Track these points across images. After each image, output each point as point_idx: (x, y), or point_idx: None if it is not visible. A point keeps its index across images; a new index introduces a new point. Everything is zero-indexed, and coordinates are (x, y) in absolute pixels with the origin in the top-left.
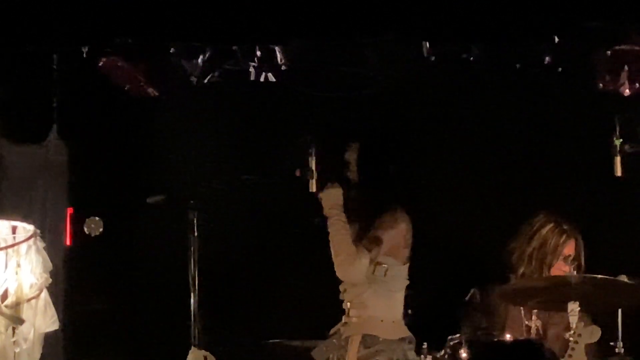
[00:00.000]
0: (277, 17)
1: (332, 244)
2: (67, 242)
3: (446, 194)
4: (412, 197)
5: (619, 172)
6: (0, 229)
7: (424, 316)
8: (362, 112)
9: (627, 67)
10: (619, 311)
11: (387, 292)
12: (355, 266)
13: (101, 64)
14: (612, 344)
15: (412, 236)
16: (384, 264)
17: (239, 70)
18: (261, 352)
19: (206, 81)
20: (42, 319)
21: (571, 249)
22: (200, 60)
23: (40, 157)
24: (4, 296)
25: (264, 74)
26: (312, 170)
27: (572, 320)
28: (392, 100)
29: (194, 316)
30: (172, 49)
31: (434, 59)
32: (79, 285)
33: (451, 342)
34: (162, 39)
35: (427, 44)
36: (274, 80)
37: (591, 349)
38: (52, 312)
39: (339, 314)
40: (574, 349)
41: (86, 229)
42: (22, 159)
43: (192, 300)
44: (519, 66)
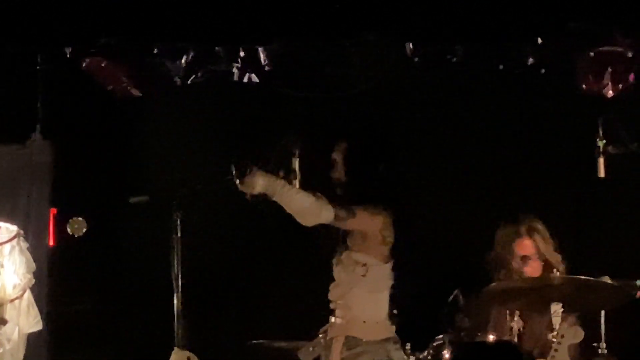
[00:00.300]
0: (260, 18)
1: (292, 208)
2: (51, 243)
3: (431, 195)
4: (397, 197)
5: (602, 173)
6: None
7: (407, 317)
8: (346, 112)
9: (610, 69)
10: (602, 312)
11: (369, 293)
12: (320, 215)
13: (85, 64)
14: (595, 344)
15: (393, 236)
16: (364, 263)
17: (223, 70)
18: (245, 353)
19: (189, 82)
20: (25, 320)
21: (527, 249)
22: (183, 60)
23: (23, 157)
24: None
25: (247, 74)
26: (296, 170)
27: (556, 321)
28: (376, 101)
29: (178, 317)
30: (156, 50)
31: (417, 59)
32: (63, 285)
33: (435, 343)
34: (146, 40)
35: (411, 44)
36: (257, 80)
37: (574, 350)
38: (35, 312)
39: (324, 314)
40: (557, 350)
41: (69, 230)
42: (5, 159)
43: (175, 300)
44: (502, 67)
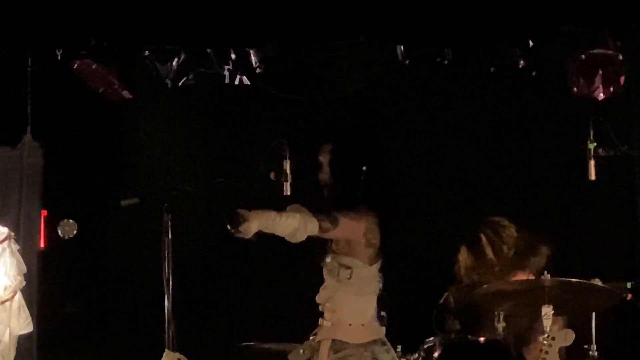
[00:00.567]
0: (251, 20)
1: (284, 233)
2: (42, 245)
3: (420, 196)
4: (383, 198)
5: (592, 176)
6: None
7: (398, 319)
8: (337, 114)
9: (601, 71)
10: (593, 314)
11: (355, 296)
12: (307, 230)
13: (75, 66)
14: (586, 346)
15: (378, 237)
16: (348, 266)
17: (214, 73)
18: (236, 355)
19: (180, 84)
20: (16, 321)
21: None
22: (174, 63)
23: (14, 159)
24: None
25: (238, 76)
26: (287, 172)
27: (546, 323)
28: (367, 103)
29: (168, 319)
30: (147, 52)
31: (408, 62)
32: (53, 287)
33: (425, 345)
34: (137, 42)
35: (402, 47)
36: (248, 83)
37: (565, 352)
38: (26, 314)
39: (313, 317)
40: (547, 352)
41: (60, 232)
42: None
43: (166, 302)
44: (493, 70)
